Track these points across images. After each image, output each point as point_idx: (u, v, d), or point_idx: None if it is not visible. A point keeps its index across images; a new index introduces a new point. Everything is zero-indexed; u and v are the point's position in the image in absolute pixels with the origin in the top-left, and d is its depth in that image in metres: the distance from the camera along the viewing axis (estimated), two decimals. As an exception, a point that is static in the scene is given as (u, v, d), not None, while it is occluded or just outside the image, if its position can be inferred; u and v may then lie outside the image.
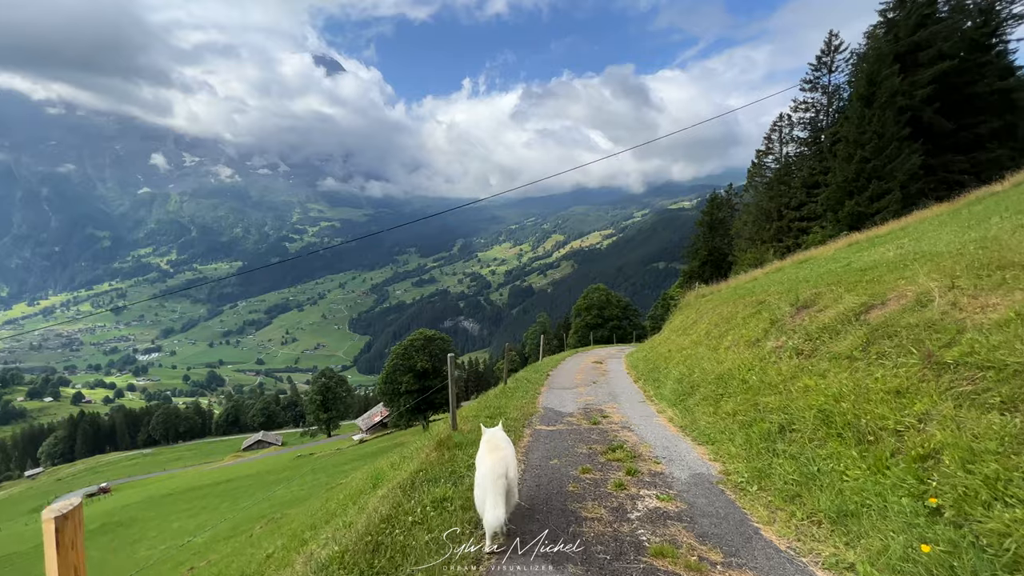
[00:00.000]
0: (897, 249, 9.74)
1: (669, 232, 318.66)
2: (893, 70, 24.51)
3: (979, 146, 29.24)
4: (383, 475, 7.76)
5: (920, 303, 5.28)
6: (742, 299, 11.79)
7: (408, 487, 5.49)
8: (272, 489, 34.18)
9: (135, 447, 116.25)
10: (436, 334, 46.26)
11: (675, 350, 12.94)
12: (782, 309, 8.52)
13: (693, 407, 8.19)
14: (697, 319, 13.94)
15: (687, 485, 5.24)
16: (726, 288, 16.41)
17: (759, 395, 6.63)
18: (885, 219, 23.61)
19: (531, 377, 14.91)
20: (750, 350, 8.38)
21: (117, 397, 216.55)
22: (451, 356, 8.37)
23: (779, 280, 13.11)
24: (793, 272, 13.88)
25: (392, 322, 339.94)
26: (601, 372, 15.13)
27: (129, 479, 69.26)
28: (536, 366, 19.18)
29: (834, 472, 4.25)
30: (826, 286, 8.02)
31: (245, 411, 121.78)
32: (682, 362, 11.24)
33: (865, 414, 4.49)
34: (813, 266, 13.50)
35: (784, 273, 14.03)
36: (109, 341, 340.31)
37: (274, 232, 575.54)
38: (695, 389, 8.91)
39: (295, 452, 62.21)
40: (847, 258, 12.16)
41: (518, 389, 12.49)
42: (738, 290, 14.34)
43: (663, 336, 17.11)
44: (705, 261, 47.66)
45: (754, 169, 36.12)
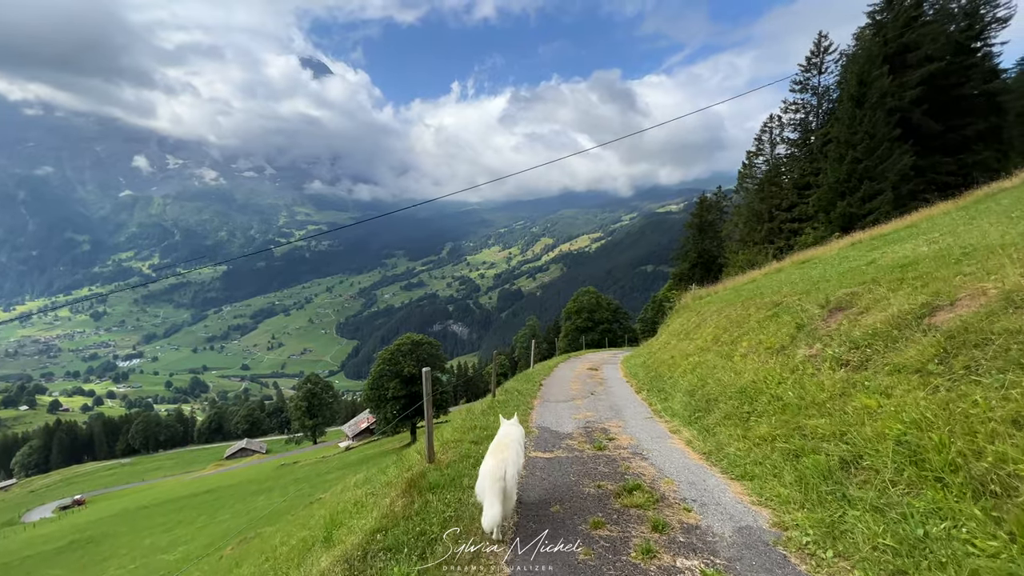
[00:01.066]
0: (930, 244, 8.84)
1: (657, 235, 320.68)
2: (883, 71, 24.36)
3: (966, 148, 29.29)
4: (339, 522, 6.15)
5: (1012, 303, 4.32)
6: (751, 300, 10.94)
7: (357, 562, 4.16)
8: (252, 501, 32.92)
9: (113, 457, 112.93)
10: (424, 338, 45.29)
11: (679, 357, 11.91)
12: (809, 311, 7.62)
13: (714, 427, 7.14)
14: (700, 322, 12.98)
15: (735, 547, 4.00)
16: (724, 289, 15.80)
17: (800, 416, 5.60)
18: (877, 220, 23.39)
19: (522, 388, 13.74)
20: (775, 359, 7.42)
21: (96, 405, 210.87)
22: (426, 371, 6.67)
23: (784, 281, 12.31)
24: (797, 272, 13.09)
25: (380, 326, 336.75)
26: (598, 381, 14.07)
27: (105, 490, 66.92)
28: (527, 374, 17.86)
29: (953, 540, 3.06)
30: (859, 285, 7.17)
31: (228, 418, 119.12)
32: (690, 371, 10.26)
33: (976, 453, 3.42)
34: (821, 266, 12.63)
35: (786, 274, 13.37)
36: (88, 347, 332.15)
37: (260, 235, 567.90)
38: (712, 404, 7.89)
39: (279, 460, 60.58)
40: (863, 256, 11.23)
41: (508, 403, 11.40)
42: (739, 291, 13.52)
43: (662, 340, 16.10)
44: (695, 263, 47.42)
45: (745, 170, 35.87)
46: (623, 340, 51.39)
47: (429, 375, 6.70)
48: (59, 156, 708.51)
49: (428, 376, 6.65)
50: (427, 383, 6.57)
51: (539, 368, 19.99)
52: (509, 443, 4.80)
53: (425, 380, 6.60)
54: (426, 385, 6.58)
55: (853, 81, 24.49)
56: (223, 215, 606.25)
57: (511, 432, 5.15)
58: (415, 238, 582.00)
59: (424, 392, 6.60)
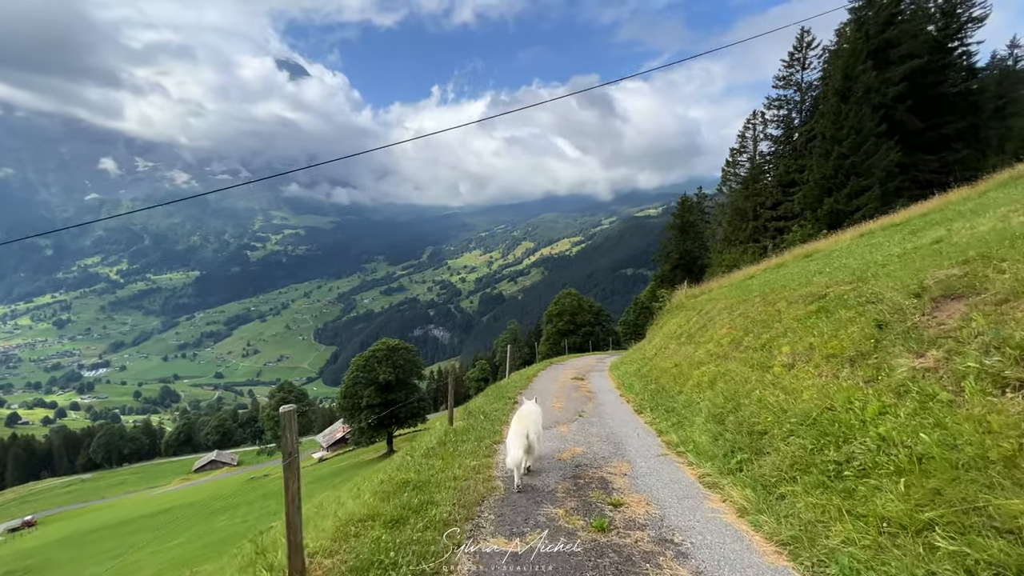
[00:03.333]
0: (999, 221, 7.37)
1: (636, 239, 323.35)
2: (868, 65, 23.95)
3: (946, 146, 29.25)
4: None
5: None
6: (773, 294, 9.18)
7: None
8: (213, 521, 30.70)
9: (74, 472, 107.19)
10: (400, 343, 43.51)
11: (687, 365, 10.03)
12: (892, 302, 5.66)
13: (778, 483, 4.75)
14: (705, 323, 11.44)
15: None
16: (719, 287, 14.74)
17: (964, 483, 3.35)
18: (865, 216, 22.83)
19: (491, 408, 10.99)
20: (850, 372, 5.30)
21: (59, 417, 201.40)
22: (286, 410, 3.80)
23: (798, 274, 10.59)
24: (814, 265, 11.16)
25: (360, 332, 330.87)
26: (586, 394, 11.99)
27: (60, 509, 62.92)
28: (500, 387, 14.99)
29: None
30: (956, 266, 5.44)
31: (198, 429, 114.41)
32: (707, 385, 8.25)
33: None
34: (843, 257, 10.78)
35: (789, 269, 12.29)
36: (51, 357, 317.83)
37: (235, 240, 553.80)
38: (760, 440, 5.62)
39: (249, 474, 57.85)
40: (905, 242, 9.46)
41: (469, 432, 8.79)
42: (744, 287, 12.18)
43: (656, 344, 14.56)
44: (677, 264, 46.88)
45: (728, 168, 35.34)
46: (607, 343, 50.48)
47: (291, 416, 3.78)
48: (20, 158, 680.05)
49: (290, 417, 3.77)
50: (289, 428, 3.76)
51: (516, 378, 17.60)
52: (529, 414, 6.28)
53: (285, 424, 3.76)
54: (287, 433, 3.77)
55: (838, 76, 24.00)
56: (196, 219, 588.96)
57: (532, 409, 6.53)
58: (395, 242, 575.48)
59: (284, 443, 3.80)
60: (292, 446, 3.78)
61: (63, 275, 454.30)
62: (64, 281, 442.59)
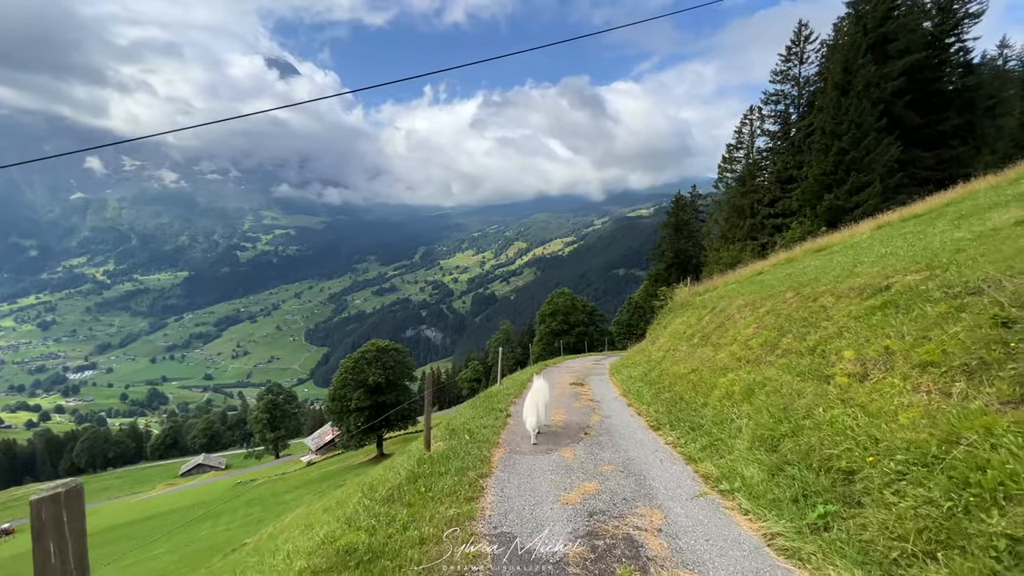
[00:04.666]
0: None
1: (628, 239, 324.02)
2: (867, 59, 23.51)
3: (942, 143, 28.96)
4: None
5: None
6: (809, 287, 8.06)
7: None
8: (196, 529, 29.59)
9: (57, 477, 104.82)
10: (390, 344, 42.56)
11: (706, 370, 8.77)
12: (1018, 292, 4.40)
13: (902, 564, 3.16)
14: (722, 322, 10.30)
15: None
16: (724, 284, 14.01)
17: None
18: (866, 213, 22.35)
19: (478, 425, 9.15)
20: (978, 388, 3.88)
21: (43, 420, 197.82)
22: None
23: (822, 268, 9.58)
24: (837, 258, 10.26)
25: (351, 332, 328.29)
26: (589, 404, 10.58)
27: (40, 517, 60.97)
28: (491, 396, 13.07)
29: None
30: None
31: (185, 432, 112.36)
32: (742, 397, 6.83)
33: None
34: (869, 249, 9.91)
35: (805, 263, 11.49)
36: (35, 359, 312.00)
37: (224, 240, 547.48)
38: (847, 482, 4.12)
39: (236, 478, 56.48)
40: (946, 230, 8.61)
41: (449, 461, 6.88)
42: (762, 284, 11.18)
43: (662, 345, 13.47)
44: (671, 263, 46.40)
45: (724, 164, 34.82)
46: (603, 344, 49.89)
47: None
48: (3, 156, 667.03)
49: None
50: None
51: (509, 384, 15.62)
52: (539, 390, 7.93)
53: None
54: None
55: (838, 69, 23.51)
56: (184, 219, 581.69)
57: (541, 385, 8.09)
58: (387, 242, 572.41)
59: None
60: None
61: (48, 276, 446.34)
62: (49, 282, 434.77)
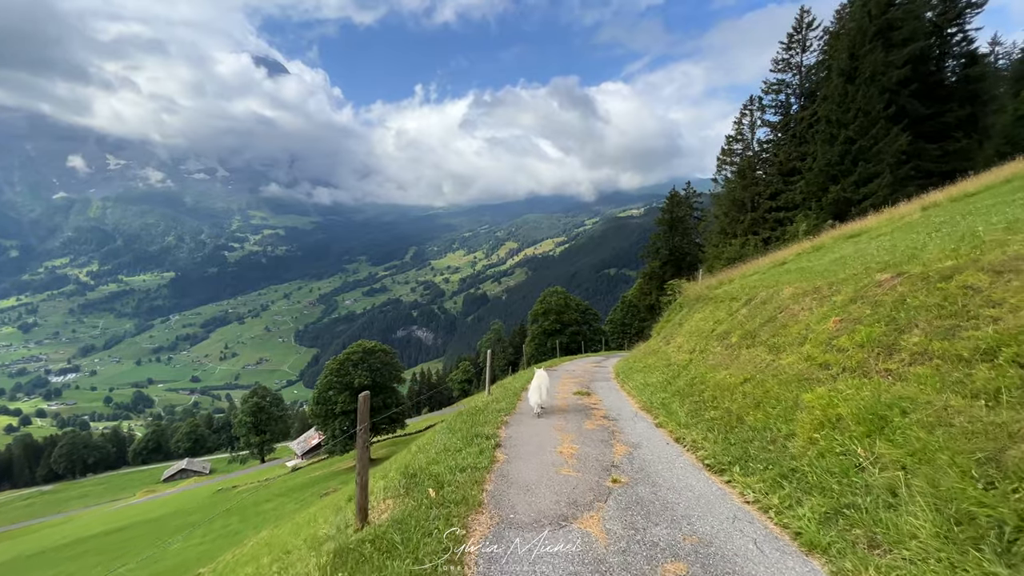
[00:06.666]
0: None
1: (619, 239, 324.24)
2: (876, 44, 22.46)
3: (946, 135, 28.17)
4: None
5: None
6: (915, 266, 5.98)
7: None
8: (167, 543, 27.83)
9: (34, 483, 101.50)
10: (377, 346, 41.00)
11: (771, 380, 6.35)
12: None
13: None
14: (771, 316, 8.15)
15: None
16: (740, 276, 12.74)
17: None
18: (875, 205, 21.31)
19: (451, 467, 5.97)
20: None
21: (23, 425, 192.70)
22: None
23: (888, 248, 8.22)
24: (888, 240, 9.06)
25: (341, 333, 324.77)
26: (603, 423, 8.05)
27: (12, 527, 58.52)
28: (476, 414, 9.58)
29: None
30: None
31: (169, 436, 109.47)
32: (867, 427, 4.28)
33: None
34: (928, 229, 8.58)
35: (837, 250, 10.28)
36: (16, 362, 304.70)
37: (211, 240, 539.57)
38: None
39: (218, 484, 54.47)
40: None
41: (395, 553, 3.95)
42: (804, 272, 9.38)
43: (681, 344, 11.48)
44: (666, 261, 45.35)
45: (723, 157, 33.68)
46: (598, 344, 48.67)
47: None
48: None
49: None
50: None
51: (500, 394, 12.11)
52: (542, 380, 9.40)
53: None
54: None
55: (844, 55, 22.43)
56: (171, 219, 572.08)
57: (542, 375, 9.53)
58: (378, 242, 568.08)
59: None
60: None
61: (29, 277, 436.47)
62: (30, 283, 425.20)
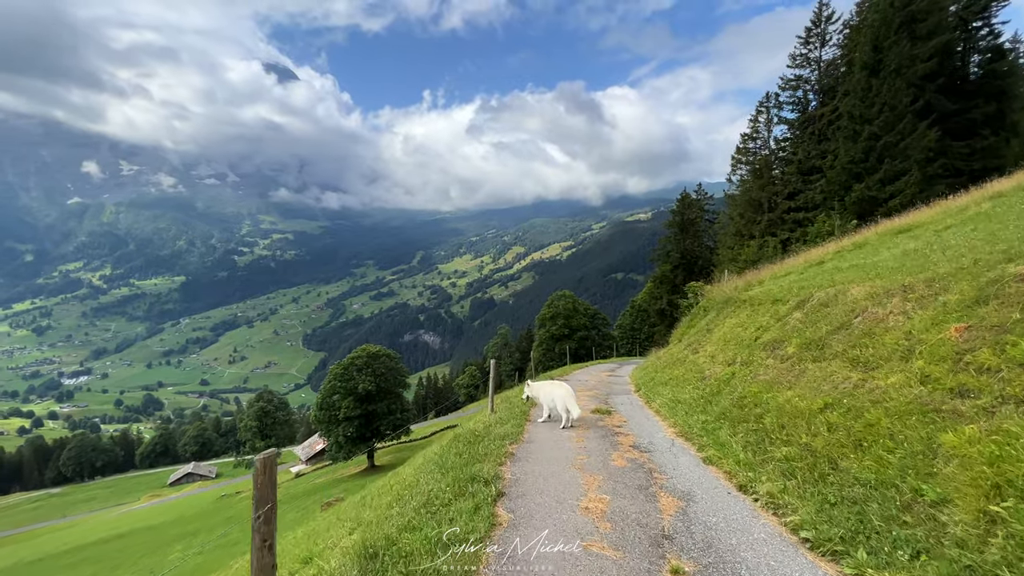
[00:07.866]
0: None
1: (626, 244, 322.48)
2: (902, 35, 21.40)
3: (972, 133, 27.06)
4: None
5: None
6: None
7: None
8: (166, 552, 27.17)
9: (44, 486, 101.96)
10: (381, 350, 40.26)
11: (872, 408, 4.88)
12: None
13: None
14: (847, 321, 6.61)
15: None
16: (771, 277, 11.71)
17: None
18: (903, 205, 20.21)
19: (429, 540, 4.17)
20: None
21: (35, 427, 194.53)
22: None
23: (953, 244, 7.40)
24: (951, 235, 8.16)
25: (349, 337, 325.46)
26: (635, 457, 6.57)
27: (16, 531, 58.39)
28: (471, 443, 7.79)
29: None
30: None
31: (176, 440, 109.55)
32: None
33: None
34: (989, 223, 7.79)
35: (885, 248, 9.19)
36: (30, 364, 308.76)
37: (222, 245, 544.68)
38: None
39: (222, 490, 53.98)
40: None
41: None
42: (867, 268, 8.07)
43: (714, 354, 10.02)
44: (677, 264, 44.22)
45: (738, 156, 32.63)
46: (608, 349, 47.60)
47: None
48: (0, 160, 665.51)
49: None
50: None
51: (502, 414, 10.10)
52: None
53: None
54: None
55: (867, 48, 21.36)
56: (182, 223, 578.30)
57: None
58: (385, 247, 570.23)
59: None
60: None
61: (44, 281, 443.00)
62: (45, 287, 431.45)
